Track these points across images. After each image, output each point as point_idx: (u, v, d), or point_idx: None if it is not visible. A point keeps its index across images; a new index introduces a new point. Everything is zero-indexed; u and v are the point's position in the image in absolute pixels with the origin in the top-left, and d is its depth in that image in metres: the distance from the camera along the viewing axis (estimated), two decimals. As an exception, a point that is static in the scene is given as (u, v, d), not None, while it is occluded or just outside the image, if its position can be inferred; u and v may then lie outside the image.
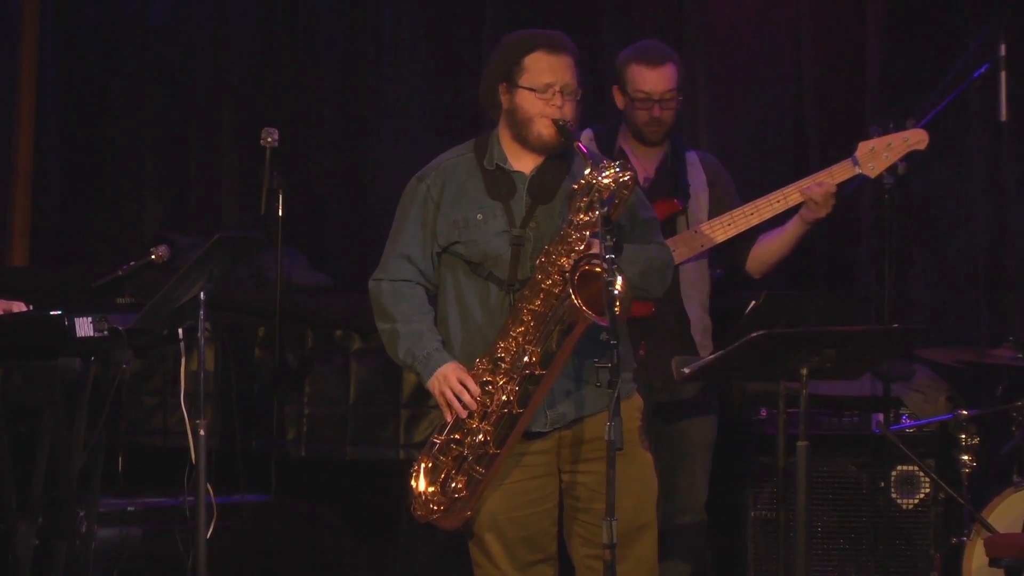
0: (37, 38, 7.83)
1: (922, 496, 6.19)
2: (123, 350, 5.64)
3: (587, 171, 4.62)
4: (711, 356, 5.16)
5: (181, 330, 5.64)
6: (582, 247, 4.63)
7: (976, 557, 5.74)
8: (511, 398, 4.64)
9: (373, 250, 5.70)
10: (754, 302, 5.26)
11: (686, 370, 5.13)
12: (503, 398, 4.65)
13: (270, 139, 6.52)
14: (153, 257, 6.27)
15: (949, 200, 6.80)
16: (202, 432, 5.54)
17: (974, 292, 6.76)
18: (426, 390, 4.79)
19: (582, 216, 4.63)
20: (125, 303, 6.15)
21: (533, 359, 4.62)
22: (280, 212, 6.47)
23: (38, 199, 7.88)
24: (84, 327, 5.50)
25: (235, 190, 7.67)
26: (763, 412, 6.27)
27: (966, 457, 5.89)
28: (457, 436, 4.70)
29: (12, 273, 7.46)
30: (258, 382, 6.55)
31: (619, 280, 4.45)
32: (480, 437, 4.67)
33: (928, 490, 6.17)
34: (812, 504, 5.56)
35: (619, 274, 4.45)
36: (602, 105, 6.15)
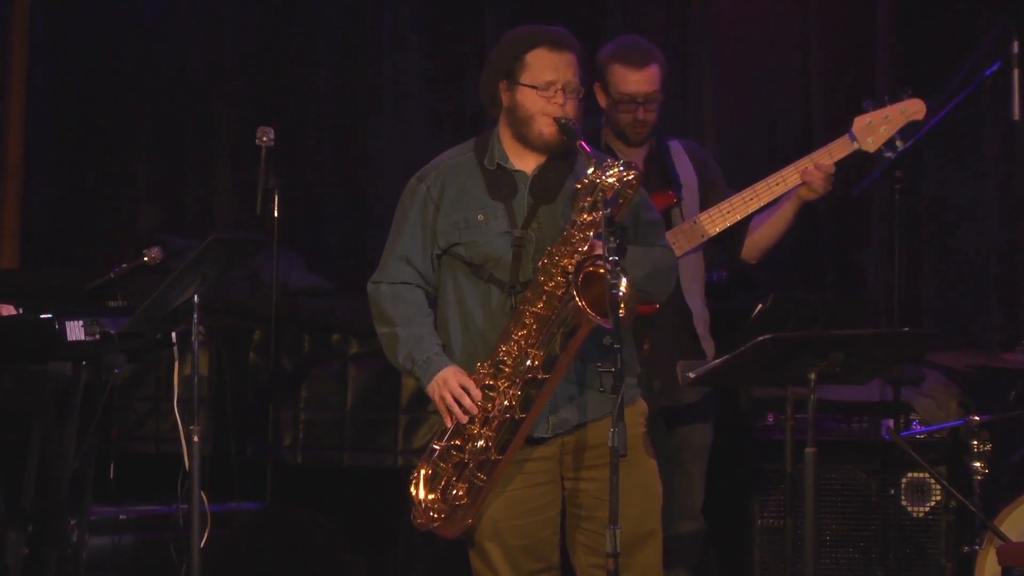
0: (27, 36, 7.86)
1: (933, 503, 6.17)
2: (115, 354, 5.65)
3: (590, 170, 4.58)
4: (717, 360, 5.13)
5: (175, 334, 5.62)
6: (586, 248, 4.58)
7: (988, 566, 5.69)
8: (513, 403, 4.60)
9: (372, 252, 5.66)
10: (761, 305, 5.23)
11: (691, 375, 5.10)
12: (505, 403, 4.61)
13: (265, 138, 6.54)
14: (146, 259, 6.27)
15: (960, 201, 6.78)
16: (196, 438, 5.52)
17: (986, 295, 6.74)
18: (426, 395, 4.75)
19: (585, 216, 4.59)
20: (117, 306, 6.14)
21: (536, 363, 4.58)
22: (276, 213, 6.48)
23: (28, 199, 7.89)
24: (75, 331, 5.53)
25: (230, 190, 7.71)
26: (770, 418, 6.24)
27: (978, 464, 5.84)
28: (458, 442, 4.66)
29: (1, 275, 7.50)
30: (253, 387, 6.55)
31: (623, 282, 4.41)
32: (481, 443, 4.63)
33: (939, 497, 6.15)
34: (820, 512, 5.52)
35: (623, 276, 4.41)
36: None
